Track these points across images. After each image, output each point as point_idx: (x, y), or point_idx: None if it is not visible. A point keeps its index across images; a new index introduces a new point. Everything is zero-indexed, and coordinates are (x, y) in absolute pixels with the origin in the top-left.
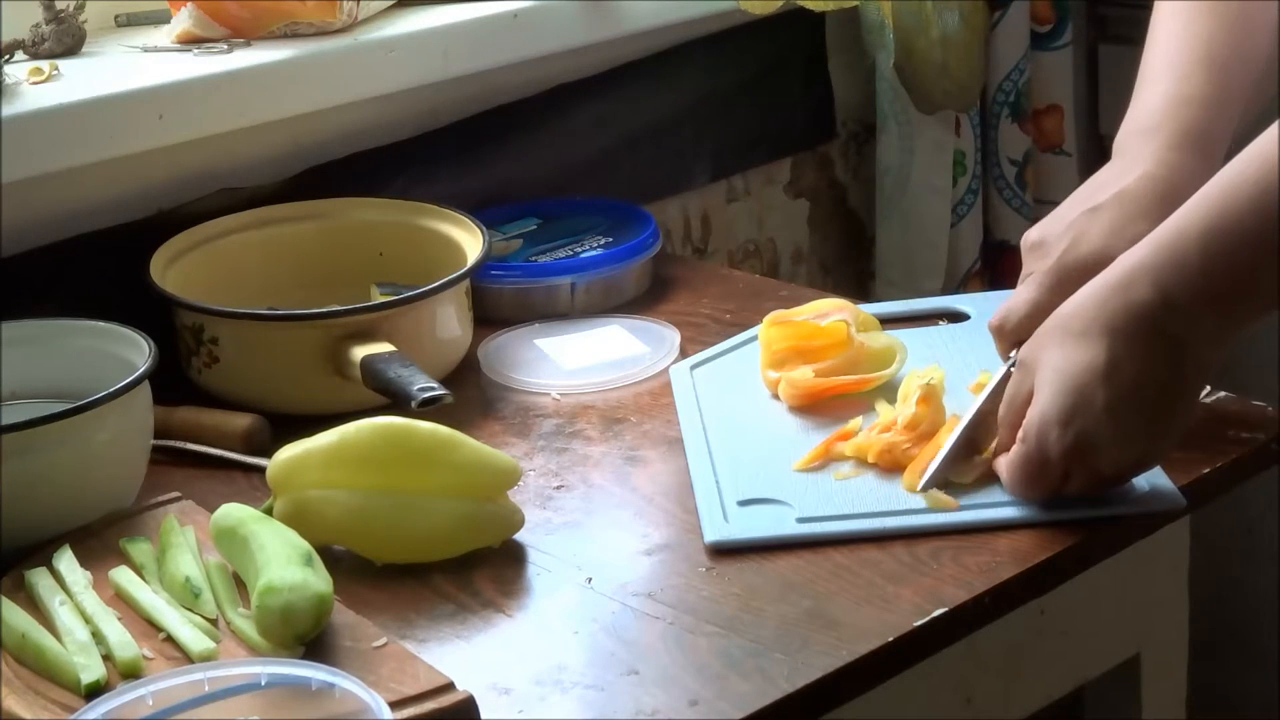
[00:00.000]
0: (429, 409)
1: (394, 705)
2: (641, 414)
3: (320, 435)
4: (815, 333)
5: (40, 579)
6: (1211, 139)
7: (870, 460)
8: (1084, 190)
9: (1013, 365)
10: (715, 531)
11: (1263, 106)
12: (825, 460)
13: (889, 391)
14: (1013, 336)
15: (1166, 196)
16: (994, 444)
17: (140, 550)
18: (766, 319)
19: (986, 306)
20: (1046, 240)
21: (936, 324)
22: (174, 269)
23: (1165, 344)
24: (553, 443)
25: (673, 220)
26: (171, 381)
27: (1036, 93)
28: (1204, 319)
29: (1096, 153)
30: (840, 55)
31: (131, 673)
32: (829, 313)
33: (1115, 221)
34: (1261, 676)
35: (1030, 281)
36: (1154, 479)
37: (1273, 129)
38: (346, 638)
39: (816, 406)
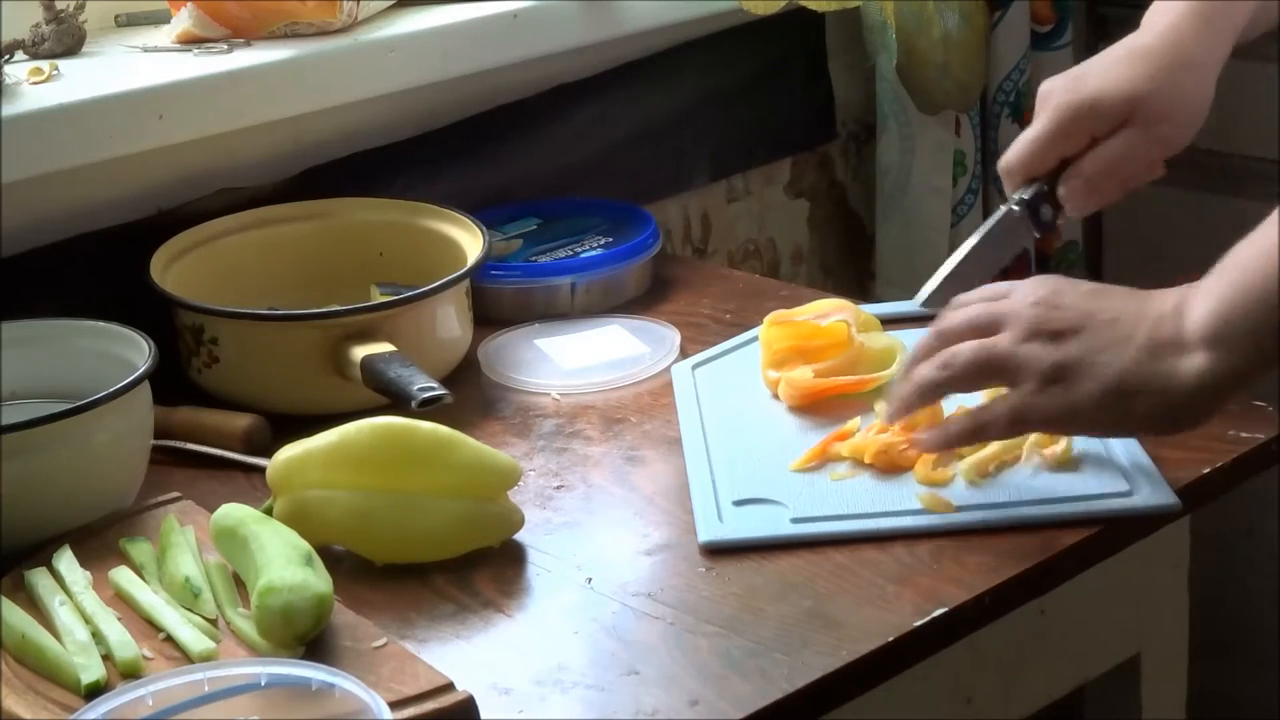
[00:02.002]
0: (429, 409)
1: (394, 705)
2: (641, 414)
3: (320, 435)
4: (816, 333)
5: (40, 579)
6: (1226, 11)
7: (867, 461)
8: (1099, 54)
9: (1014, 204)
10: (709, 531)
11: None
12: (822, 461)
13: (889, 392)
14: (1017, 174)
15: (1168, 50)
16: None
17: (140, 550)
18: (767, 319)
19: None
20: (1053, 87)
21: None
22: (174, 269)
23: (1165, 319)
24: (553, 443)
25: (673, 220)
26: (171, 381)
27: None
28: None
29: None
30: (840, 55)
31: (131, 673)
32: (829, 313)
33: (1115, 66)
34: (1261, 676)
35: (1033, 124)
36: (1153, 480)
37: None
38: (346, 638)
39: (816, 406)
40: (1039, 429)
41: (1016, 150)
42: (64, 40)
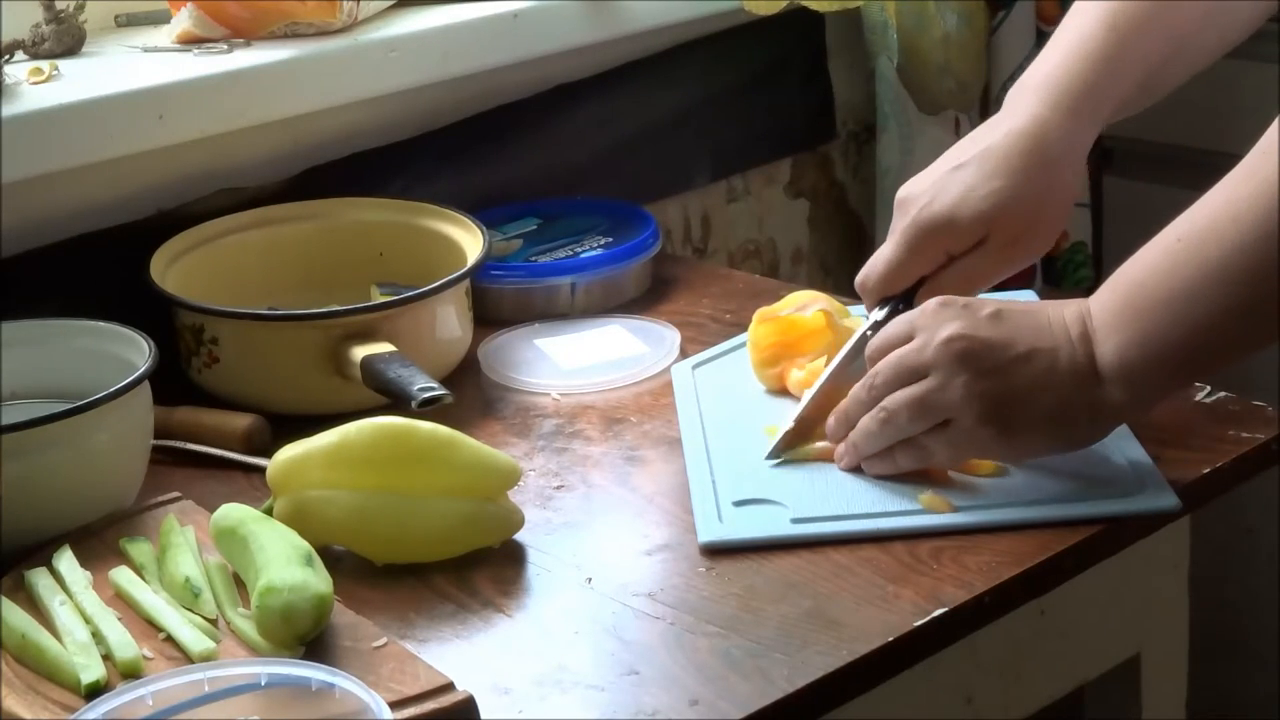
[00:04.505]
0: (429, 409)
1: (394, 705)
2: (641, 414)
3: (320, 435)
4: (796, 325)
5: (40, 579)
6: (1094, 100)
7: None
8: (959, 145)
9: (869, 329)
10: (709, 532)
11: (1172, 85)
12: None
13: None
14: (875, 294)
15: (1029, 154)
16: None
17: (140, 550)
18: (755, 316)
19: None
20: (910, 197)
21: None
22: (174, 269)
23: (1075, 339)
24: (553, 443)
25: (673, 220)
26: (171, 381)
27: None
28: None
29: (1099, 153)
30: (840, 55)
31: (131, 673)
32: (807, 304)
33: (972, 179)
34: (1261, 676)
35: (889, 239)
36: (1153, 480)
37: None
38: (346, 638)
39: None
40: (979, 457)
41: (873, 271)
42: (64, 40)
